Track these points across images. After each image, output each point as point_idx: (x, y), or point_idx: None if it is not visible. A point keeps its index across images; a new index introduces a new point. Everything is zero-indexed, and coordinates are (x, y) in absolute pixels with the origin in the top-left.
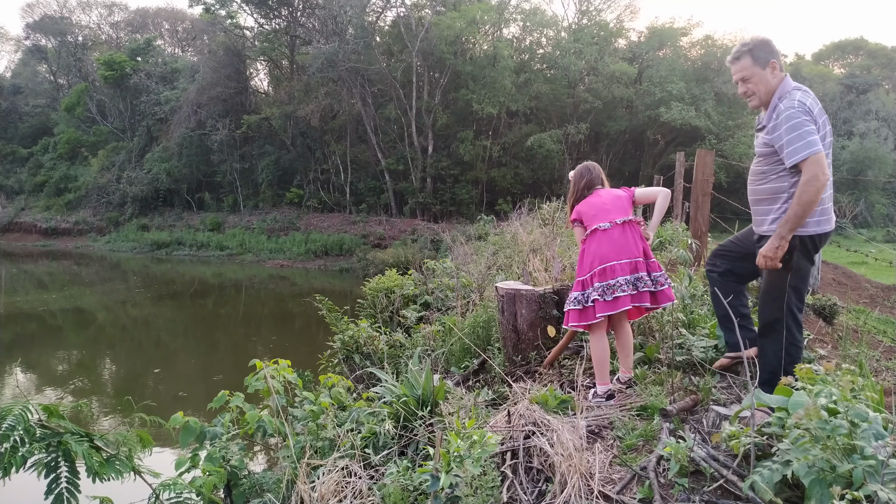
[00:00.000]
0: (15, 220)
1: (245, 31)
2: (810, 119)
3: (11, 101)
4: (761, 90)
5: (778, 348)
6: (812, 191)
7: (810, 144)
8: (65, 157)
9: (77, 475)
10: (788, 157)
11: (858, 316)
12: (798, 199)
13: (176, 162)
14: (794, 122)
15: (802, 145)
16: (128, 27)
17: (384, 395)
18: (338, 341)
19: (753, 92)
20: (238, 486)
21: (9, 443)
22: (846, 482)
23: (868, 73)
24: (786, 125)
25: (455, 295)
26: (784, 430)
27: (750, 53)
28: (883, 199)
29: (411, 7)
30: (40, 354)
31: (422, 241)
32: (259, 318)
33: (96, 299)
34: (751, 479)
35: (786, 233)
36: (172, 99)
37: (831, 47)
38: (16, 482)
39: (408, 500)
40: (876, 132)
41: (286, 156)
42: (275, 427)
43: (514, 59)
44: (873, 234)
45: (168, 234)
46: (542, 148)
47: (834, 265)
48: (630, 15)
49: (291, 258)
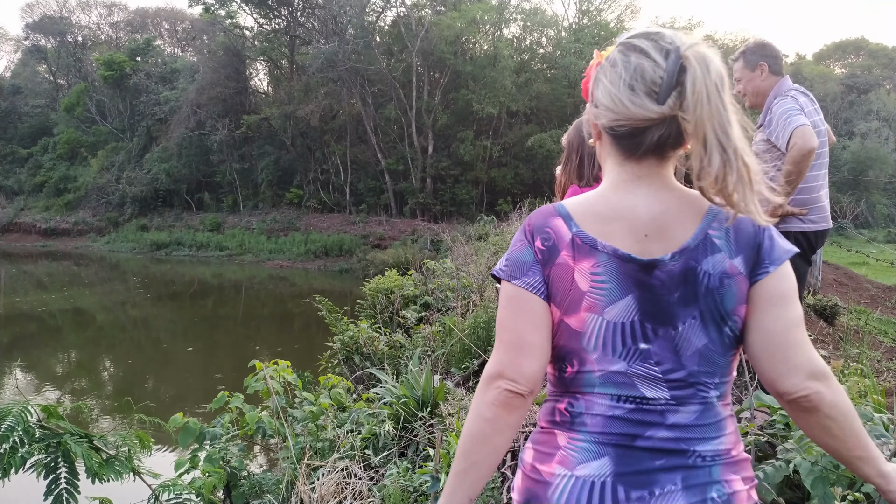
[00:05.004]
0: (14, 220)
1: (245, 31)
2: (799, 110)
3: (11, 102)
4: (750, 90)
5: None
6: (798, 156)
7: (795, 122)
8: (64, 158)
9: (76, 476)
10: (779, 140)
11: (859, 316)
12: (786, 163)
13: (175, 162)
14: (783, 111)
15: (788, 125)
16: (127, 27)
17: (384, 395)
18: (337, 342)
19: (744, 92)
20: (238, 487)
21: (8, 443)
22: (848, 482)
23: (869, 73)
24: (777, 118)
25: (455, 295)
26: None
27: (743, 56)
28: (884, 199)
29: (411, 7)
30: (40, 355)
31: (422, 242)
32: (259, 319)
33: (96, 300)
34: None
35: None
36: (172, 99)
37: (832, 47)
38: (15, 483)
39: (408, 501)
40: (877, 132)
41: (286, 156)
42: (274, 428)
43: (514, 59)
44: (874, 235)
45: (167, 234)
46: (543, 148)
47: (835, 266)
48: (631, 15)
49: (291, 259)
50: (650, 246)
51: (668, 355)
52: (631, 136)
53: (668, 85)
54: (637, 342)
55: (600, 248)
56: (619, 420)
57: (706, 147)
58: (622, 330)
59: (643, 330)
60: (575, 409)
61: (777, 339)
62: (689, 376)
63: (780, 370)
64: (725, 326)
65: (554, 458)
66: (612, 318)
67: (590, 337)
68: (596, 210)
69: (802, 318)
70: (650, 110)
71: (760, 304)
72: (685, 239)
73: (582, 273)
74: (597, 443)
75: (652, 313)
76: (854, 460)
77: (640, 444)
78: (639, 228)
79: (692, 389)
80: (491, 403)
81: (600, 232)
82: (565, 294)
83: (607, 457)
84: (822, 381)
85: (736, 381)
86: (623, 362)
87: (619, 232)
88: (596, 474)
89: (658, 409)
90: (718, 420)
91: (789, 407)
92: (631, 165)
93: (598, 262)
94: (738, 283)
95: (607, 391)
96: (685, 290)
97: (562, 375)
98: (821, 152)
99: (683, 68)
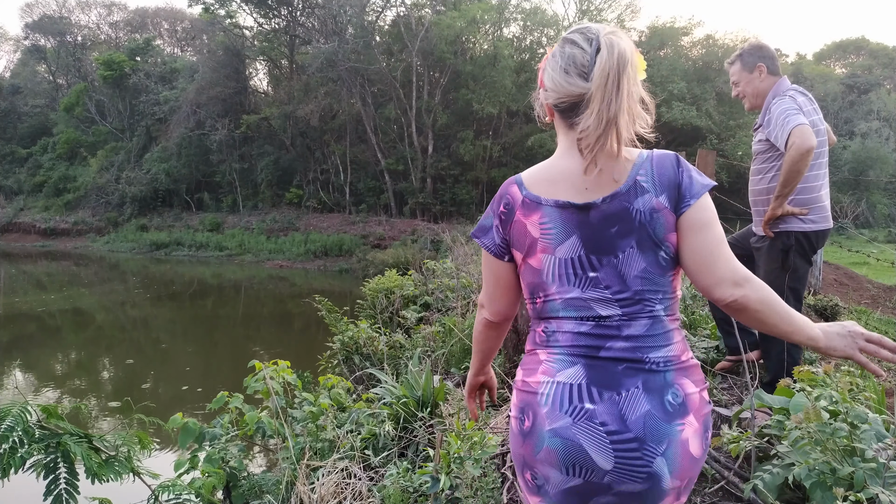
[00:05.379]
0: (14, 220)
1: (244, 31)
2: (797, 110)
3: (10, 102)
4: (749, 92)
5: (780, 350)
6: (797, 156)
7: (793, 121)
8: (64, 158)
9: (76, 476)
10: (778, 140)
11: (860, 317)
12: (785, 163)
13: (175, 162)
14: (781, 111)
15: (786, 124)
16: (127, 27)
17: (384, 396)
18: (337, 342)
19: (744, 94)
20: (237, 487)
21: (8, 444)
22: (847, 484)
23: (869, 73)
24: (775, 118)
25: (455, 295)
26: (784, 431)
27: (740, 59)
28: (884, 199)
29: (411, 6)
30: (39, 355)
31: (422, 242)
32: (258, 319)
33: (95, 300)
34: (752, 482)
35: (780, 192)
36: (171, 99)
37: (833, 47)
38: (15, 483)
39: (408, 501)
40: (877, 132)
41: (286, 156)
42: (274, 428)
43: (514, 58)
44: (875, 235)
45: (167, 234)
46: (543, 148)
47: (835, 266)
48: (631, 14)
49: (291, 259)
50: (588, 195)
51: (614, 279)
52: (570, 109)
53: (591, 65)
54: (586, 271)
55: (544, 202)
56: (584, 335)
57: (590, 108)
58: (572, 264)
59: (589, 261)
60: (549, 331)
61: (704, 258)
62: (635, 295)
63: (710, 282)
64: (660, 251)
65: (538, 370)
66: (562, 256)
67: (547, 273)
68: (546, 174)
69: (724, 237)
70: (580, 87)
71: (687, 231)
72: (618, 185)
73: (532, 224)
74: (569, 355)
75: (595, 247)
76: (786, 335)
77: (603, 355)
78: (579, 183)
79: (640, 305)
80: (478, 323)
81: (546, 191)
82: (523, 242)
83: (579, 365)
84: (745, 286)
85: (736, 382)
86: (577, 289)
87: (563, 189)
88: (572, 379)
89: (614, 325)
90: (666, 331)
91: (727, 309)
92: (573, 133)
93: (544, 214)
94: (665, 216)
95: (569, 314)
96: (621, 225)
97: (535, 306)
98: (820, 151)
99: (599, 51)
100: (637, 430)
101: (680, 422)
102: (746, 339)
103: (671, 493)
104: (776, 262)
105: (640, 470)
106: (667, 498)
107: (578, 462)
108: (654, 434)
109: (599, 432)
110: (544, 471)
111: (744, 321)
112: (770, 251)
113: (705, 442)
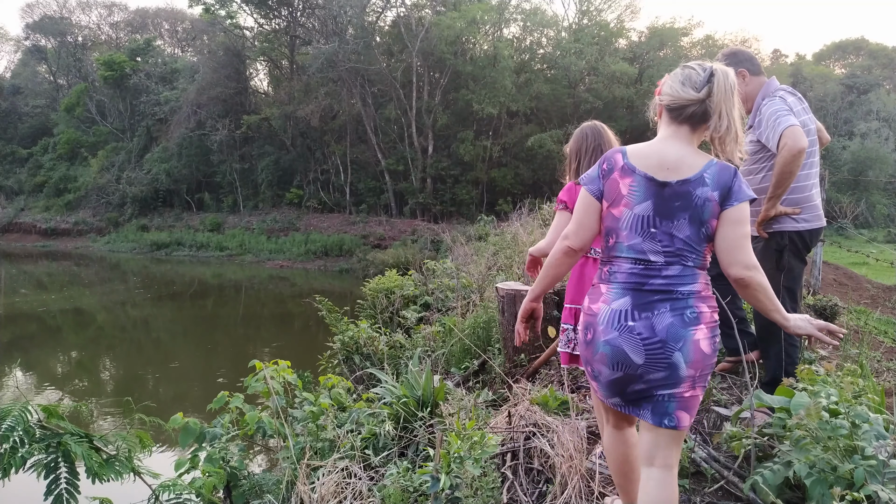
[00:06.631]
0: (14, 220)
1: (245, 32)
2: (788, 111)
3: (11, 102)
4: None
5: (778, 350)
6: (789, 157)
7: (784, 122)
8: (64, 158)
9: (77, 476)
10: (769, 141)
11: (859, 316)
12: (777, 164)
13: (175, 162)
14: (771, 112)
15: (777, 126)
16: (127, 27)
17: (384, 395)
18: (337, 342)
19: None
20: (238, 487)
21: (8, 443)
22: (847, 483)
23: (869, 73)
24: (766, 119)
25: (455, 295)
26: (785, 430)
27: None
28: (884, 199)
29: (411, 7)
30: (40, 355)
31: (422, 242)
32: (259, 319)
33: (96, 300)
34: (751, 480)
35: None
36: (172, 99)
37: (832, 47)
38: (15, 483)
39: (408, 501)
40: (877, 132)
41: (286, 156)
42: (274, 428)
43: (514, 59)
44: (874, 235)
45: (168, 234)
46: (543, 148)
47: (835, 266)
48: (630, 15)
49: (291, 259)
50: (668, 174)
51: (666, 237)
52: (676, 109)
53: (702, 83)
54: (649, 227)
55: (637, 172)
56: (635, 274)
57: (720, 117)
58: (642, 220)
59: (654, 221)
60: (612, 270)
61: (731, 244)
62: (677, 251)
63: (729, 261)
64: (702, 228)
65: (599, 299)
66: (637, 212)
67: (623, 221)
68: (644, 152)
69: (749, 234)
70: (691, 95)
71: (725, 222)
72: (690, 175)
73: (624, 185)
74: (622, 287)
75: (660, 212)
76: (770, 313)
77: (646, 288)
78: (664, 164)
79: (678, 258)
80: (558, 251)
81: (640, 164)
82: (612, 195)
83: (628, 296)
84: (753, 271)
85: (736, 382)
86: (639, 238)
87: (652, 164)
88: (622, 306)
89: (657, 268)
90: (693, 274)
91: (735, 285)
92: (672, 128)
93: (634, 180)
94: (713, 206)
95: (629, 255)
96: (682, 202)
97: (607, 244)
98: (811, 151)
99: (712, 74)
100: (662, 335)
101: (693, 328)
102: (745, 339)
103: (687, 380)
104: (771, 263)
105: (662, 361)
106: (684, 384)
107: (621, 361)
108: (673, 336)
109: (636, 339)
110: (598, 367)
111: (743, 296)
112: (764, 252)
113: (713, 343)
